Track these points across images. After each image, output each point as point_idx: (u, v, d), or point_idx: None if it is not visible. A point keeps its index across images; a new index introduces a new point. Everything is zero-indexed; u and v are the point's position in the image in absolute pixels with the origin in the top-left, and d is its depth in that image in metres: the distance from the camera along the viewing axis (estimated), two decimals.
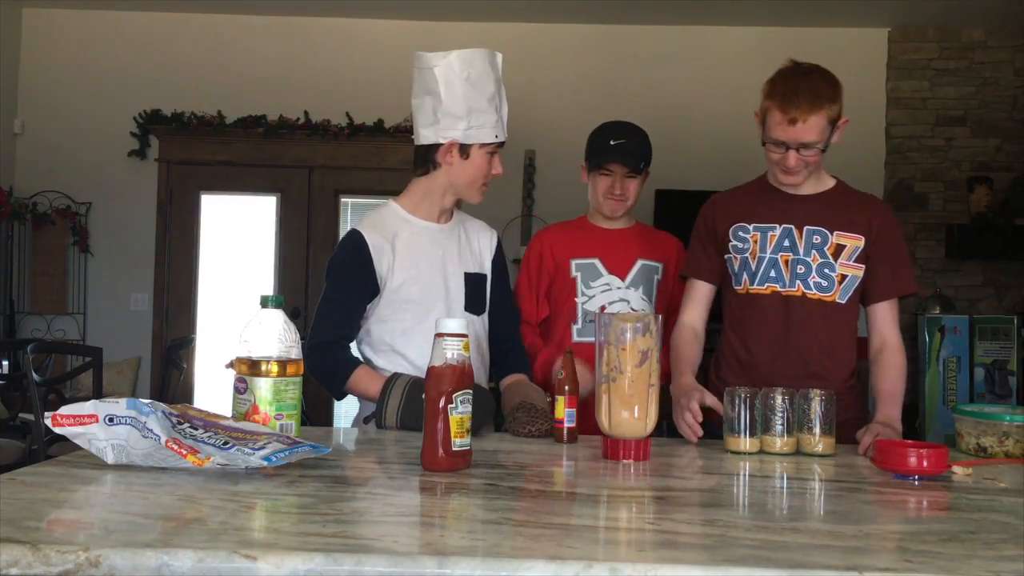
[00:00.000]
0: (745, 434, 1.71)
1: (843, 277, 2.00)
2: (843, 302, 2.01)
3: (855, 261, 2.01)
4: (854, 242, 2.01)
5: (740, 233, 2.07)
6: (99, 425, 1.32)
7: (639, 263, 2.39)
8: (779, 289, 2.02)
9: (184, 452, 1.28)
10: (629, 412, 1.56)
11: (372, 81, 5.54)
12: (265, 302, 1.51)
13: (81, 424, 1.33)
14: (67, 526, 1.07)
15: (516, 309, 2.28)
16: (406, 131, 5.41)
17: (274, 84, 5.55)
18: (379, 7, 5.46)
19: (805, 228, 2.02)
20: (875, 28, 5.52)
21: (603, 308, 2.34)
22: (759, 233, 2.04)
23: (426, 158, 2.03)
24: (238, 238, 5.74)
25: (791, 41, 5.44)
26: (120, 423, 1.32)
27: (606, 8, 5.32)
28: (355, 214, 5.74)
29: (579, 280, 2.37)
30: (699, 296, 2.13)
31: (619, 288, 2.37)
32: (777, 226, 2.03)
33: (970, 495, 1.37)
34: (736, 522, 1.12)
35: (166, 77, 5.56)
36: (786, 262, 2.02)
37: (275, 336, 1.47)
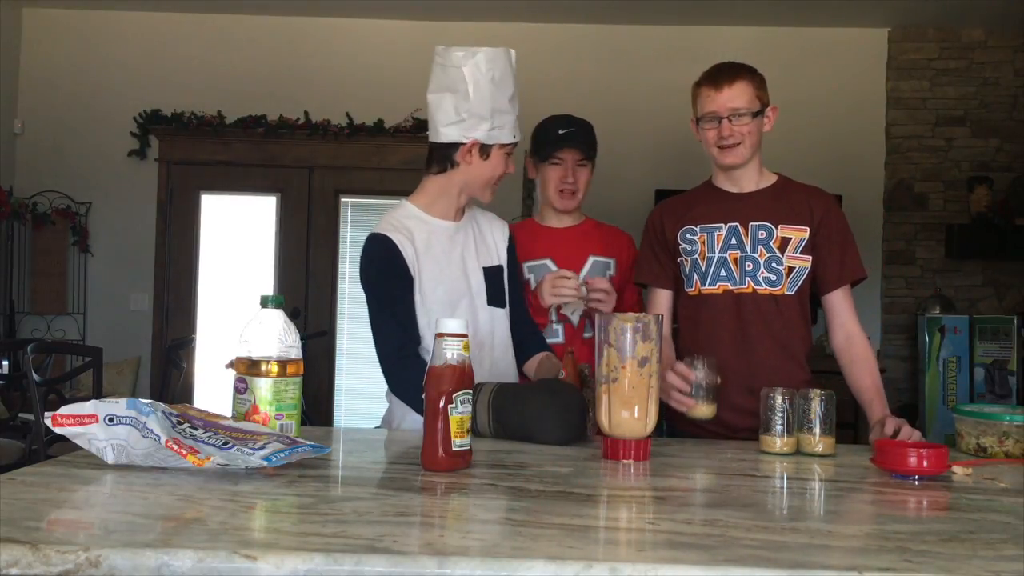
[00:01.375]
0: (700, 400, 1.83)
1: (791, 269, 2.02)
2: (791, 293, 2.03)
3: (801, 253, 2.03)
4: (799, 234, 2.03)
5: (688, 235, 2.09)
6: (99, 425, 1.32)
7: (591, 260, 2.40)
8: (731, 287, 2.04)
9: (184, 452, 1.28)
10: (629, 412, 1.56)
11: (372, 81, 5.54)
12: (265, 302, 1.51)
13: (81, 424, 1.33)
14: (67, 526, 1.06)
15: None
16: (406, 131, 5.42)
17: (274, 84, 5.55)
18: (379, 7, 5.46)
19: (750, 224, 2.04)
20: (875, 28, 5.50)
21: (559, 308, 2.31)
22: (706, 234, 2.07)
23: (445, 156, 2.01)
24: (238, 238, 5.73)
25: (791, 41, 5.46)
26: (120, 423, 1.32)
27: (606, 8, 5.32)
28: (355, 214, 5.73)
29: (532, 282, 2.34)
30: (660, 304, 2.16)
31: None
32: (723, 225, 2.06)
33: (970, 495, 1.37)
34: (736, 522, 1.12)
35: (166, 77, 5.56)
36: (735, 260, 2.04)
37: (275, 336, 1.47)
